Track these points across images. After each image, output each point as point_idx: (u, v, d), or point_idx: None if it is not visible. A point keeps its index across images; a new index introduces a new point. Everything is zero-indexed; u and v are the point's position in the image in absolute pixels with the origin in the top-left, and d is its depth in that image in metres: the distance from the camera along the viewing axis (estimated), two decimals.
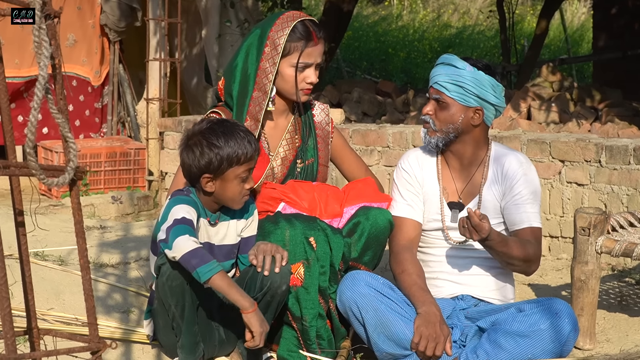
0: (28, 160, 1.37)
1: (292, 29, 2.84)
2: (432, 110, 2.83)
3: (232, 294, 2.43)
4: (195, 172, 2.60)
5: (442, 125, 2.81)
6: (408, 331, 2.66)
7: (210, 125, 2.61)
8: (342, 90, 8.81)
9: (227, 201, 2.65)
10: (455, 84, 2.77)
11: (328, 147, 3.07)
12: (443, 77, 2.79)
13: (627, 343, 2.92)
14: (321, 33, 2.90)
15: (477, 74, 2.77)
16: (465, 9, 19.16)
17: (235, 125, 2.64)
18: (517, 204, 2.82)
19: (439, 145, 2.85)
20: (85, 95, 7.11)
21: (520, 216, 2.82)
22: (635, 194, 3.93)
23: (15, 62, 6.64)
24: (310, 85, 2.91)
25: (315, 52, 2.88)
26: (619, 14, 10.32)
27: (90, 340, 1.44)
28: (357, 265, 2.83)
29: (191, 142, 2.61)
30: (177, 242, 2.42)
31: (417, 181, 2.93)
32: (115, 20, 6.97)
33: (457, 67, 2.78)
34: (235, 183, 2.60)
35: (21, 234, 1.51)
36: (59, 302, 3.11)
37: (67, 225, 4.48)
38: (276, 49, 2.85)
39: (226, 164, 2.57)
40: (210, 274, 2.39)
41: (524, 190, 2.83)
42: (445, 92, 2.79)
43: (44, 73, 1.37)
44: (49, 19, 1.40)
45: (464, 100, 2.78)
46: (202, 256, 2.41)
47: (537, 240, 2.81)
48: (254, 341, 2.46)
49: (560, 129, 6.79)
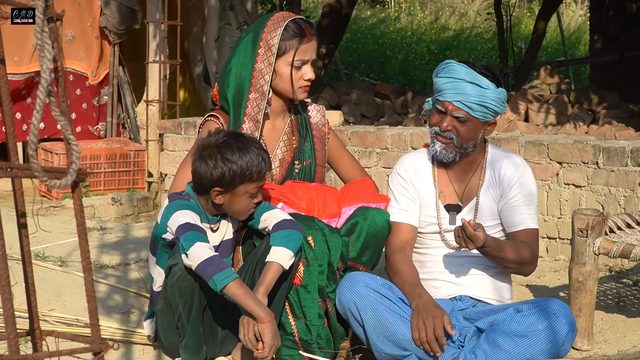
0: (31, 162, 1.38)
1: (285, 28, 2.86)
2: (451, 126, 2.78)
3: (249, 303, 2.43)
4: (206, 184, 2.59)
5: (463, 142, 2.80)
6: (407, 332, 2.67)
7: (226, 139, 2.59)
8: (341, 92, 8.82)
9: (233, 213, 2.66)
10: (481, 104, 2.75)
11: (325, 148, 3.08)
12: (469, 98, 2.73)
13: (625, 344, 2.93)
14: (313, 30, 2.92)
15: (498, 92, 2.77)
16: (463, 12, 19.18)
17: (251, 141, 2.62)
18: (514, 207, 2.83)
19: (455, 159, 2.84)
20: (82, 90, 7.14)
21: (516, 218, 2.83)
22: (633, 195, 3.95)
23: (15, 60, 6.65)
24: (308, 81, 2.92)
25: (310, 49, 2.90)
26: (616, 16, 10.34)
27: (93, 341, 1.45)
28: (355, 265, 2.85)
29: (205, 153, 2.59)
30: (192, 250, 2.43)
31: (412, 186, 2.93)
32: (115, 23, 6.99)
33: (482, 87, 2.74)
34: (244, 198, 2.60)
35: (23, 236, 1.52)
36: (59, 303, 3.12)
37: (68, 227, 4.49)
38: (270, 49, 2.86)
39: (238, 179, 2.56)
40: (226, 282, 2.40)
41: (520, 193, 2.84)
42: (469, 112, 2.75)
43: (47, 76, 1.38)
44: (52, 22, 1.41)
45: (484, 117, 2.78)
46: (218, 264, 2.41)
47: (534, 242, 2.82)
48: (263, 353, 2.45)
49: (558, 131, 6.81)
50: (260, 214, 2.69)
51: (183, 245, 2.45)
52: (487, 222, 2.85)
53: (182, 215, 2.53)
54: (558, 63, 11.48)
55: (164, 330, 2.68)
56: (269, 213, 2.68)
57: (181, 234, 2.47)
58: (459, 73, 2.76)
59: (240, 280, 2.45)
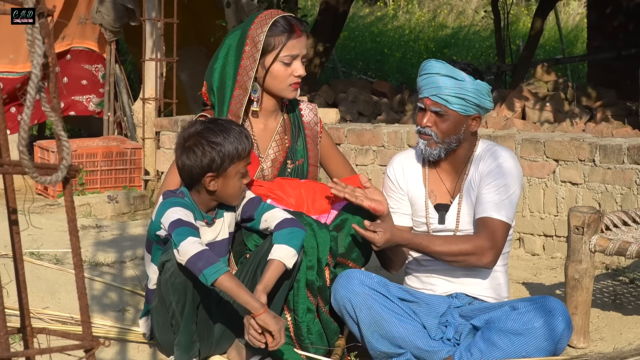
0: (21, 158, 1.37)
1: (274, 24, 2.85)
2: (431, 122, 2.77)
3: (241, 295, 2.42)
4: (197, 173, 2.60)
5: (445, 137, 2.77)
6: (402, 329, 2.67)
7: (205, 125, 2.62)
8: (338, 90, 8.81)
9: (227, 198, 2.66)
10: (458, 96, 2.73)
11: (317, 147, 3.07)
12: (444, 90, 2.72)
13: (621, 341, 2.93)
14: (303, 26, 2.90)
15: (476, 84, 2.74)
16: (461, 9, 19.18)
17: (229, 122, 2.67)
18: (484, 194, 2.77)
19: (441, 156, 2.81)
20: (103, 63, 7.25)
21: (483, 206, 2.75)
22: (629, 193, 3.94)
23: (10, 58, 6.64)
24: (299, 78, 2.90)
25: (299, 44, 2.88)
26: (614, 14, 10.34)
27: (84, 338, 1.44)
28: (345, 261, 2.83)
29: (190, 143, 2.60)
30: (182, 245, 2.43)
31: (399, 187, 2.93)
32: (110, 21, 6.97)
33: (458, 79, 2.72)
34: (236, 179, 2.63)
35: (15, 232, 1.51)
36: (54, 301, 3.11)
37: (63, 225, 4.48)
38: (256, 46, 2.85)
39: (228, 160, 2.59)
40: (216, 276, 2.39)
41: (492, 183, 2.77)
42: (447, 105, 2.73)
43: (37, 72, 1.37)
44: (42, 17, 1.40)
45: (464, 111, 2.75)
46: (208, 258, 2.41)
47: (492, 231, 2.70)
48: (275, 340, 2.43)
49: (555, 129, 6.80)
50: (261, 214, 2.69)
51: (174, 240, 2.45)
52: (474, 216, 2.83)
53: (174, 212, 2.54)
54: (555, 61, 11.47)
55: (158, 327, 2.67)
56: (270, 213, 2.68)
57: (173, 229, 2.47)
58: (434, 68, 2.76)
59: (231, 273, 2.45)
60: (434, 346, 2.68)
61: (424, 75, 2.78)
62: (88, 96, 7.30)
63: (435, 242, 2.71)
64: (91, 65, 7.29)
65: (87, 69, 7.28)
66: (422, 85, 2.78)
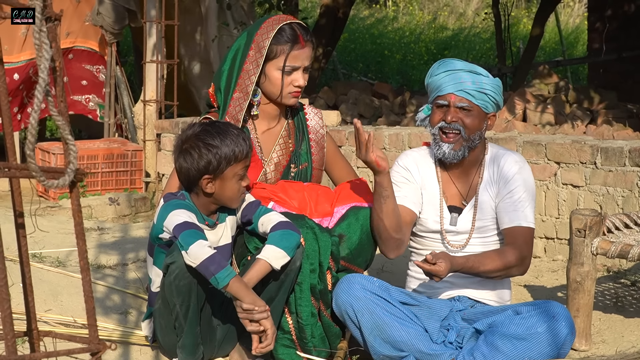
0: (28, 162, 1.37)
1: (279, 32, 2.85)
2: (457, 117, 2.77)
3: (249, 296, 2.46)
4: (194, 175, 2.61)
5: (471, 133, 2.78)
6: (404, 333, 2.67)
7: (202, 127, 2.64)
8: (339, 92, 8.82)
9: (226, 201, 2.67)
10: (480, 91, 2.75)
11: (323, 151, 3.07)
12: (469, 85, 2.74)
13: (623, 344, 2.93)
14: (309, 36, 2.90)
15: (494, 80, 2.78)
16: (462, 11, 19.19)
17: (227, 125, 2.68)
18: (508, 203, 2.80)
19: (465, 155, 2.81)
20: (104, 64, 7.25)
21: (510, 215, 2.80)
22: (631, 195, 3.95)
23: (5, 48, 6.65)
24: (298, 88, 2.90)
25: (302, 55, 2.88)
26: (614, 16, 10.35)
27: (90, 342, 1.45)
28: (349, 266, 2.84)
29: (187, 145, 2.62)
30: (192, 248, 2.44)
31: (415, 179, 2.92)
32: (110, 22, 6.98)
33: (480, 74, 2.76)
34: (234, 181, 2.63)
35: (21, 236, 1.52)
36: (56, 304, 3.11)
37: (65, 227, 4.48)
38: (260, 51, 2.86)
39: (225, 163, 2.59)
40: (228, 279, 2.42)
41: (515, 189, 2.81)
42: (472, 100, 2.75)
43: (45, 76, 1.37)
44: (50, 22, 1.41)
45: (485, 107, 2.78)
46: (219, 262, 2.44)
47: (524, 241, 2.77)
48: (267, 340, 2.48)
49: (556, 131, 6.81)
50: (258, 217, 2.70)
51: (182, 243, 2.45)
52: (487, 221, 2.85)
53: (178, 215, 2.54)
54: (556, 63, 11.49)
55: (161, 330, 2.67)
56: (266, 216, 2.69)
57: (179, 232, 2.48)
58: (456, 65, 2.78)
59: (239, 276, 2.49)
60: (436, 349, 2.68)
61: (445, 72, 2.78)
62: (87, 96, 7.32)
63: (483, 261, 2.72)
64: (92, 66, 7.31)
65: (88, 70, 7.30)
66: (441, 83, 2.78)
